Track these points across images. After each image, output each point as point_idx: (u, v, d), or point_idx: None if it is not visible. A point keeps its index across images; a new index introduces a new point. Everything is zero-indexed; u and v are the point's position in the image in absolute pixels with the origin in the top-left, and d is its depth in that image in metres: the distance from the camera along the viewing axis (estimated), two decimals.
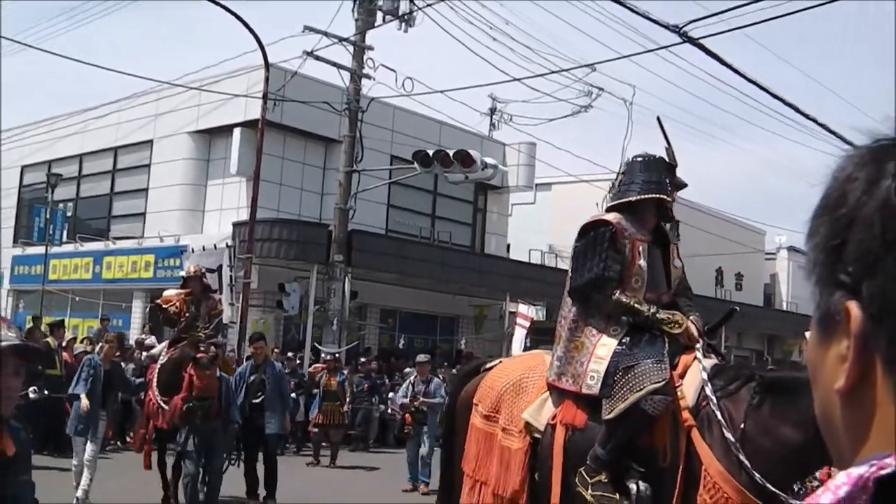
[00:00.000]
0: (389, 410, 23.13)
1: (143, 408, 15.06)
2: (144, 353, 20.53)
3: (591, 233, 6.73)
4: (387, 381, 25.86)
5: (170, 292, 14.74)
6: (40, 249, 32.55)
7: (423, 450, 17.53)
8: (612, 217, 6.83)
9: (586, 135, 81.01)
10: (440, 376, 21.81)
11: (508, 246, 37.80)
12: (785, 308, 50.04)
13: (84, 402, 13.13)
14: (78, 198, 36.20)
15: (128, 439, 19.40)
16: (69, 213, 35.57)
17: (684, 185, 7.57)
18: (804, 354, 2.17)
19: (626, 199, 6.93)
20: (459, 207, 35.22)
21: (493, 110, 39.06)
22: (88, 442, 13.20)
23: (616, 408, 6.05)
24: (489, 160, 26.49)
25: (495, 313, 33.99)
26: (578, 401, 6.46)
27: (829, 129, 20.96)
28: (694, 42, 17.24)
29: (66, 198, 35.58)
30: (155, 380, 13.71)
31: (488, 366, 7.65)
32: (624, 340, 6.38)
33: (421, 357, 19.35)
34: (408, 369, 24.43)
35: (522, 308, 29.97)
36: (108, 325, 26.58)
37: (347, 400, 21.46)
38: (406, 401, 17.99)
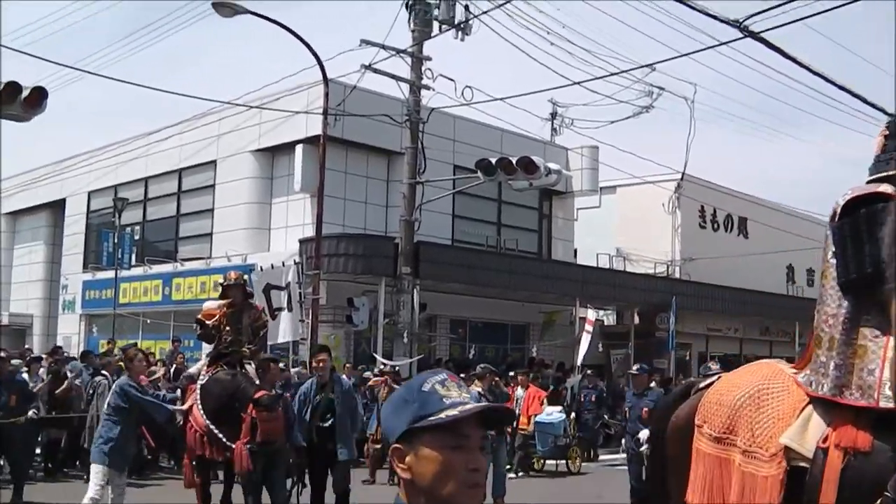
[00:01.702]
0: None
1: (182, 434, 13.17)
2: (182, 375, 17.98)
3: (863, 209, 5.17)
4: None
5: (210, 304, 13.34)
6: (110, 274, 32.87)
7: (498, 463, 16.78)
8: (889, 189, 5.22)
9: (649, 135, 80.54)
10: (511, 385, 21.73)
11: (575, 251, 37.57)
12: None
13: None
14: (145, 221, 36.49)
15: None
16: (137, 237, 35.88)
17: None
18: None
19: None
20: (525, 214, 35.03)
21: (553, 115, 38.90)
22: (118, 476, 11.51)
23: None
24: (552, 165, 26.26)
25: (565, 319, 33.81)
26: (859, 419, 5.05)
27: None
28: (755, 36, 16.94)
29: (133, 221, 35.89)
30: (199, 404, 12.11)
31: (703, 384, 6.23)
32: None
33: (481, 367, 18.46)
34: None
35: (588, 313, 29.82)
36: (179, 346, 26.73)
37: None
38: None
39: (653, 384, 16.92)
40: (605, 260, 39.01)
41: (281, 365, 16.40)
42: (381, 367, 23.04)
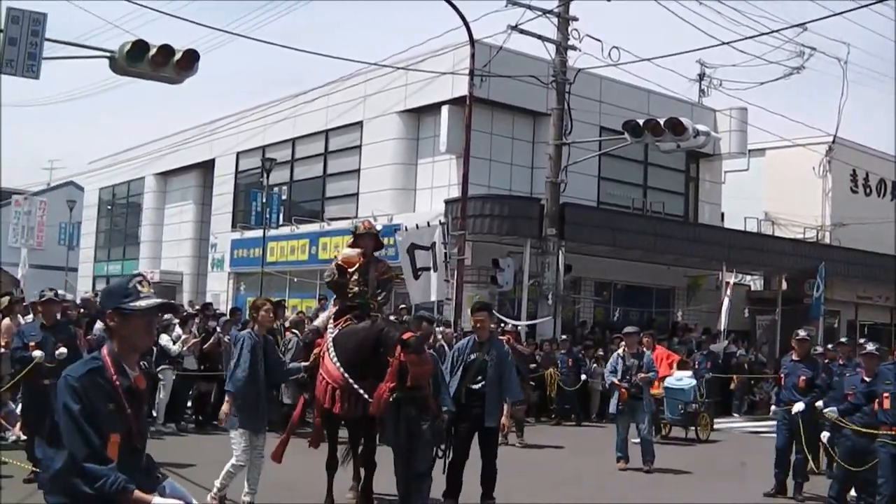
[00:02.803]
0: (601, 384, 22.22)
1: (304, 389, 12.80)
2: (305, 328, 17.05)
3: None
4: (582, 355, 25.17)
5: (349, 251, 12.20)
6: (258, 233, 33.44)
7: (643, 429, 16.48)
8: None
9: (799, 97, 78.69)
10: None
11: (723, 214, 36.98)
12: None
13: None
14: (292, 181, 37.02)
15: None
16: (284, 197, 36.43)
17: None
18: None
19: None
20: (671, 177, 34.55)
21: (701, 76, 38.18)
22: (252, 435, 10.84)
23: None
24: (701, 127, 25.85)
25: (711, 284, 33.37)
26: None
27: None
28: None
29: (281, 181, 36.45)
30: (332, 355, 11.19)
31: None
32: None
33: (628, 328, 17.81)
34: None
35: (727, 278, 29.49)
36: (325, 303, 27.00)
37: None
38: (615, 379, 16.55)
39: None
40: (752, 224, 38.34)
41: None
42: (502, 325, 22.56)
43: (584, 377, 24.13)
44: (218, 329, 20.21)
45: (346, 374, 10.97)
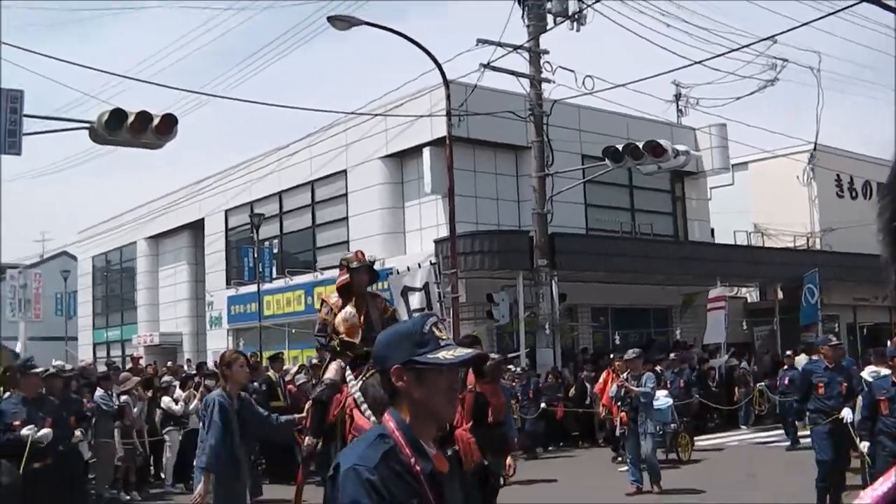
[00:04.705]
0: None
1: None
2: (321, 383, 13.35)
3: None
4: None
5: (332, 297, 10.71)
6: (252, 288, 33.60)
7: (645, 448, 16.27)
8: None
9: (777, 108, 79.13)
10: (658, 370, 21.28)
11: (712, 230, 37.18)
12: None
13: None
14: (282, 234, 37.19)
15: None
16: (276, 250, 36.58)
17: None
18: None
19: None
20: (658, 198, 34.79)
21: (678, 96, 38.44)
22: None
23: None
24: (680, 147, 26.09)
25: (704, 299, 33.48)
26: None
27: None
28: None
29: (271, 235, 36.64)
30: (364, 408, 9.34)
31: None
32: None
33: (630, 353, 17.52)
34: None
35: (714, 291, 29.57)
36: (324, 354, 27.11)
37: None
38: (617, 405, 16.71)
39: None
40: (742, 237, 38.54)
41: None
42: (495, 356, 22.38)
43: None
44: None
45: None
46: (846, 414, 13.25)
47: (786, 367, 24.16)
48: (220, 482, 9.19)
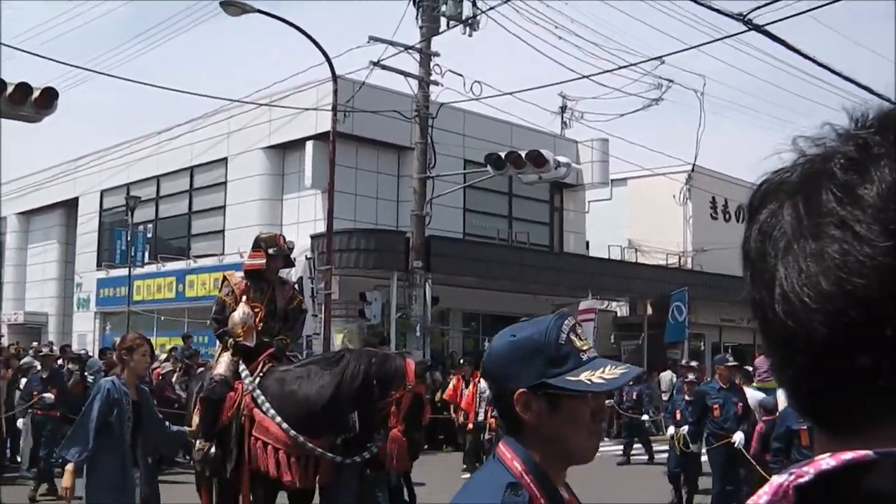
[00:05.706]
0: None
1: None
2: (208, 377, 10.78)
3: None
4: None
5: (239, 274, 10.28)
6: (123, 271, 33.06)
7: None
8: None
9: (659, 127, 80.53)
10: None
11: (587, 243, 37.65)
12: None
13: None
14: (157, 219, 36.70)
15: None
16: (149, 235, 36.02)
17: None
18: None
19: None
20: (536, 207, 35.14)
21: (563, 109, 38.90)
22: None
23: None
24: (562, 159, 26.30)
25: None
26: None
27: None
28: (759, 29, 16.93)
29: (146, 219, 36.08)
30: (266, 407, 8.90)
31: None
32: None
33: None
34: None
35: (582, 304, 29.90)
36: (191, 342, 26.88)
37: None
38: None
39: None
40: (616, 252, 39.08)
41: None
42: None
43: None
44: (87, 371, 19.66)
45: (293, 433, 8.71)
46: (738, 438, 13.10)
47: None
48: (101, 489, 8.06)
